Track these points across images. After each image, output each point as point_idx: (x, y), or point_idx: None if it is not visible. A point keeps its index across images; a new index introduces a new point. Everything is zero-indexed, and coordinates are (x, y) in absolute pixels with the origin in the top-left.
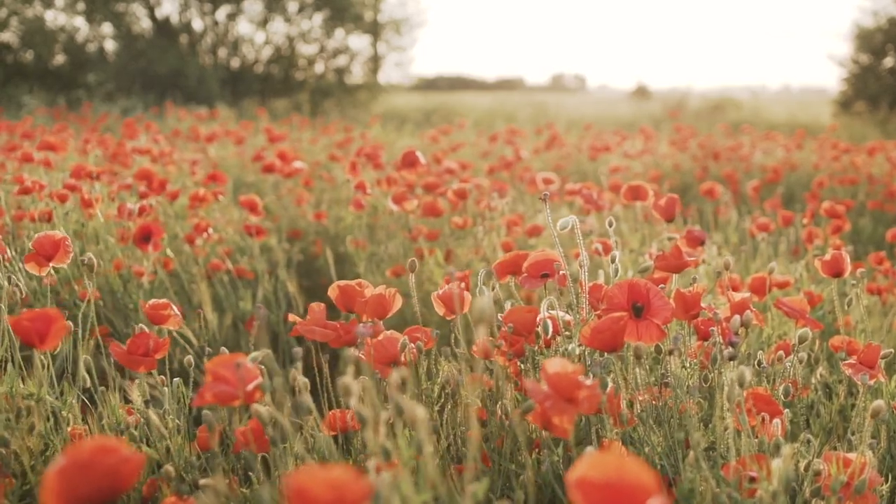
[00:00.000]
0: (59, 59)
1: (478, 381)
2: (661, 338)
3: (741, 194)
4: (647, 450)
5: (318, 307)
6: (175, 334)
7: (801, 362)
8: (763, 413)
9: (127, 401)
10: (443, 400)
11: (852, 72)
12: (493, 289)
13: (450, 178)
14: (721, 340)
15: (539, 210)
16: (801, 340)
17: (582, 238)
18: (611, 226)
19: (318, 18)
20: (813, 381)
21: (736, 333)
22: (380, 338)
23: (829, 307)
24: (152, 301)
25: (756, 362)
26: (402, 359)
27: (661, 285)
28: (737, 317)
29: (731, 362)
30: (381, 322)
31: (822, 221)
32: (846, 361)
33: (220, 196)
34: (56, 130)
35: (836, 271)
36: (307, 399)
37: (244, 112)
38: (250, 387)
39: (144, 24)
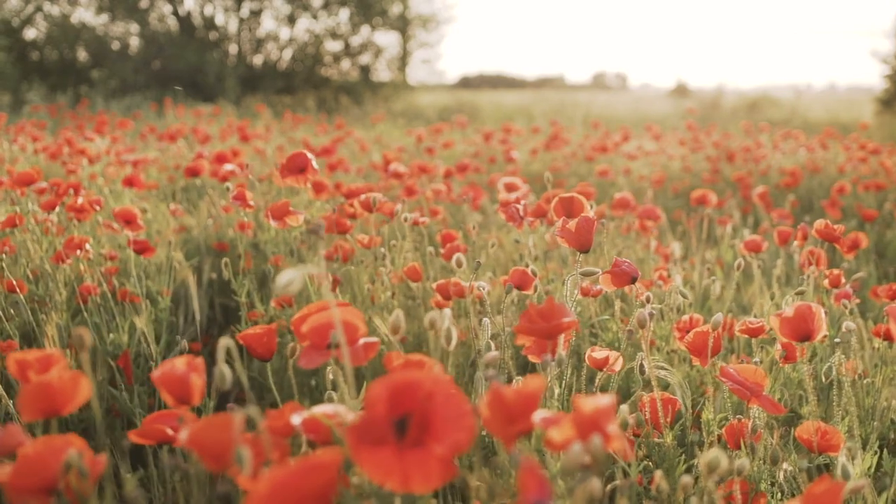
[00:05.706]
0: (83, 56)
1: None
2: (445, 480)
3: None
4: None
5: None
6: None
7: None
8: None
9: None
10: None
11: (895, 68)
12: (292, 354)
13: (396, 183)
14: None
15: (502, 224)
16: (711, 469)
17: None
18: (460, 265)
19: (344, 14)
20: (780, 477)
21: (581, 468)
22: (28, 450)
23: (822, 354)
24: None
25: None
26: (65, 483)
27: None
28: (575, 446)
29: None
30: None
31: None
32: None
33: (97, 206)
34: (18, 128)
35: (802, 334)
36: None
37: (249, 109)
38: None
39: (168, 20)
